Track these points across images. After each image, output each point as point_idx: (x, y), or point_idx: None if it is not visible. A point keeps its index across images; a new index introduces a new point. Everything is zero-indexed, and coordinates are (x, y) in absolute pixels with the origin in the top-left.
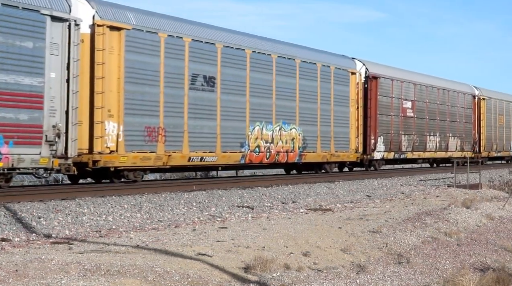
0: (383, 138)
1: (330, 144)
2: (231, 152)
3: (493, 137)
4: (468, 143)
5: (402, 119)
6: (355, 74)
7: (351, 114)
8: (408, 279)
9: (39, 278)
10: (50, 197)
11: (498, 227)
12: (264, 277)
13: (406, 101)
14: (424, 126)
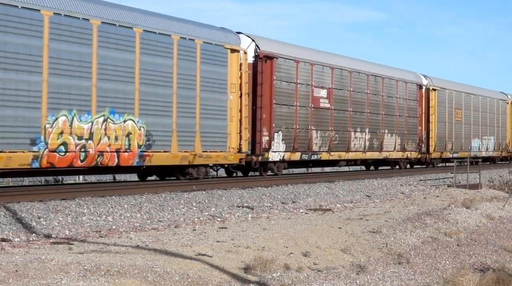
0: (283, 135)
1: (195, 141)
2: (12, 152)
3: (447, 135)
4: (412, 142)
5: (313, 112)
6: (237, 52)
7: (232, 104)
8: (408, 279)
9: (39, 278)
10: (50, 197)
11: (498, 227)
12: (264, 277)
13: (319, 89)
14: (347, 121)
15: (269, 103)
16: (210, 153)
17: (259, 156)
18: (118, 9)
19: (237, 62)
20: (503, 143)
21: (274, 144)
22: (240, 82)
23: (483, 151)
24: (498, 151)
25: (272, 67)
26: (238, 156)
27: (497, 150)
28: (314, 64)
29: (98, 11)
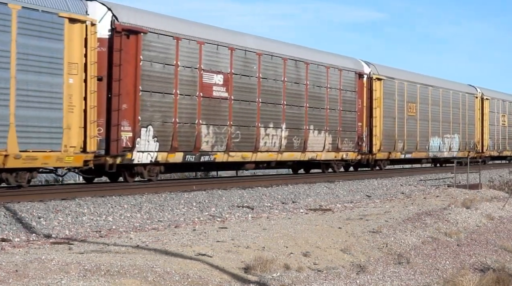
0: (156, 131)
1: (8, 138)
2: None
3: (397, 133)
4: (349, 140)
5: (203, 102)
6: (81, 23)
7: (72, 89)
8: (408, 279)
9: (39, 278)
10: (50, 197)
11: (498, 227)
12: (264, 277)
13: (211, 75)
14: (254, 114)
15: (134, 91)
16: (35, 153)
17: (116, 157)
18: None
19: (80, 36)
20: (471, 142)
21: (140, 141)
22: (85, 62)
23: (445, 151)
24: (464, 151)
25: (138, 45)
26: (81, 157)
27: (464, 149)
28: (205, 43)
29: None
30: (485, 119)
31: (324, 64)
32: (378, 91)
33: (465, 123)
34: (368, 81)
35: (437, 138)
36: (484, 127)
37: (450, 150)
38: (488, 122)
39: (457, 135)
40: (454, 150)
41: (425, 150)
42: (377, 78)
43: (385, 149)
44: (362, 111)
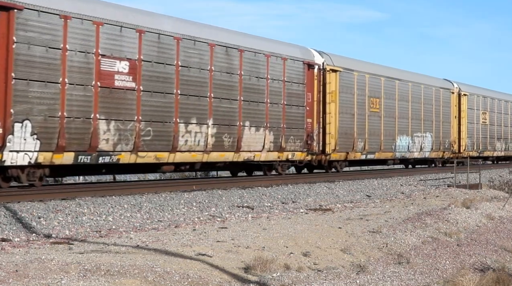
0: (36, 126)
1: None
2: None
3: (356, 131)
4: (297, 139)
5: (101, 93)
6: None
7: None
8: (408, 279)
9: (39, 278)
10: (50, 197)
11: (498, 227)
12: (264, 277)
13: (113, 61)
14: (171, 108)
15: (4, 78)
16: None
17: None
18: None
19: None
20: (446, 142)
21: (14, 139)
22: None
23: (415, 151)
24: (438, 152)
25: (10, 23)
26: None
27: (437, 149)
28: (104, 23)
29: None
30: (463, 116)
31: (264, 52)
32: (333, 84)
33: (440, 121)
34: (320, 72)
35: (406, 137)
36: (462, 126)
37: (421, 149)
38: (466, 120)
39: (430, 134)
40: (426, 149)
41: (391, 150)
42: (332, 69)
43: (342, 149)
44: (313, 107)
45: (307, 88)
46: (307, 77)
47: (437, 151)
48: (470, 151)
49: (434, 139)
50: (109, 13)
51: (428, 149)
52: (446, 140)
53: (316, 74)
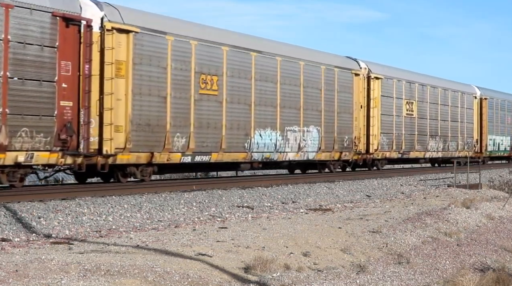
0: None
1: None
2: None
3: (170, 121)
4: (39, 132)
5: None
6: None
7: None
8: (408, 279)
9: (39, 278)
10: (50, 197)
11: (498, 227)
12: (264, 277)
13: None
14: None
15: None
16: None
17: None
18: None
19: None
20: (346, 139)
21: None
22: None
23: (289, 151)
24: (331, 152)
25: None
26: None
27: (330, 149)
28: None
29: None
30: (374, 106)
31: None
32: (123, 52)
33: (333, 112)
34: (88, 34)
35: (271, 133)
36: (372, 118)
37: (300, 149)
38: (380, 111)
39: (317, 129)
40: (310, 149)
41: (242, 149)
42: (120, 29)
43: (138, 147)
44: (74, 82)
45: (62, 55)
46: (60, 38)
47: (330, 150)
48: (386, 151)
49: (323, 136)
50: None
51: (314, 148)
52: (345, 137)
53: (82, 36)
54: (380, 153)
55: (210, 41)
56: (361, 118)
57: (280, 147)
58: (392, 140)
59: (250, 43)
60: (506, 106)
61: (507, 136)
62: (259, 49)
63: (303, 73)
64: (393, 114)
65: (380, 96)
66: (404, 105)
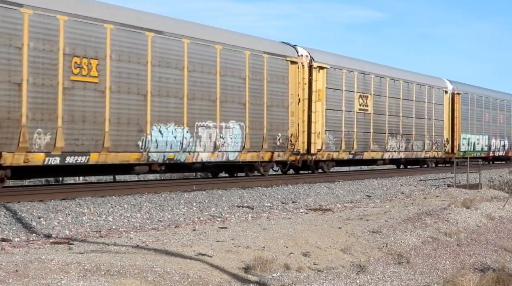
0: None
1: None
2: None
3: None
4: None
5: None
6: None
7: None
8: (408, 279)
9: (39, 278)
10: (50, 197)
11: (498, 227)
12: (264, 277)
13: None
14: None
15: None
16: None
17: None
18: None
19: None
20: (279, 137)
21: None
22: None
23: (201, 150)
24: (260, 152)
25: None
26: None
27: (257, 148)
28: None
29: None
30: (317, 100)
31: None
32: None
33: (262, 105)
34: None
35: (176, 129)
36: (315, 114)
37: (216, 148)
38: (325, 105)
39: (239, 125)
40: (231, 148)
41: (135, 148)
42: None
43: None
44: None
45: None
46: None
47: (257, 150)
48: (333, 152)
49: (248, 133)
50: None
51: (236, 148)
52: (277, 134)
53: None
54: (325, 154)
55: (88, 17)
56: (300, 113)
57: (189, 145)
58: (341, 139)
59: (146, 22)
60: (484, 102)
61: (484, 135)
62: (158, 28)
63: (220, 59)
64: (343, 110)
65: (326, 88)
66: (357, 99)
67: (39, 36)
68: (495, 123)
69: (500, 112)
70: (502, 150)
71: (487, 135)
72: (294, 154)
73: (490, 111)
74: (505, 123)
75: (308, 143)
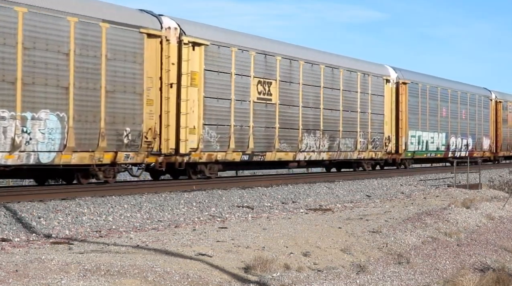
0: None
1: None
2: None
3: None
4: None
5: None
6: None
7: None
8: (408, 279)
9: (39, 278)
10: (50, 197)
11: (498, 227)
12: (264, 277)
13: None
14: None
15: None
16: None
17: None
18: None
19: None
20: (129, 132)
21: None
22: None
23: None
24: (93, 151)
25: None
26: None
27: (84, 147)
28: None
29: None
30: (190, 84)
31: None
32: None
33: (98, 89)
34: None
35: None
36: (186, 102)
37: (17, 147)
38: (202, 92)
39: (56, 115)
40: (43, 147)
41: None
42: None
43: None
44: None
45: None
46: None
47: (90, 149)
48: (217, 152)
49: (73, 127)
50: None
51: (52, 146)
52: (125, 129)
53: None
54: (204, 154)
55: None
56: (164, 103)
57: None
58: (229, 135)
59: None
60: (440, 95)
61: (441, 132)
62: None
63: (23, 26)
64: (232, 98)
65: (205, 70)
66: (254, 86)
67: None
68: (456, 119)
69: (462, 107)
70: (464, 149)
71: (445, 133)
72: (154, 154)
73: (449, 105)
74: (468, 120)
75: (176, 140)
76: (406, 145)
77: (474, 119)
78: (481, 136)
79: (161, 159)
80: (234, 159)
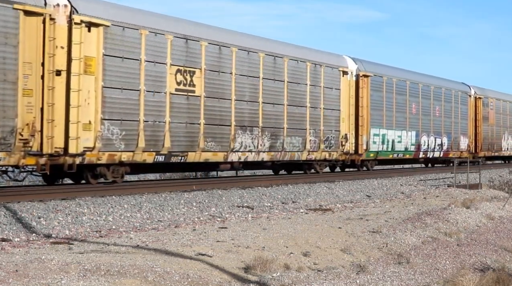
0: None
1: None
2: None
3: None
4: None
5: None
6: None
7: None
8: (408, 279)
9: (39, 278)
10: (50, 197)
11: (498, 227)
12: (264, 277)
13: None
14: None
15: None
16: None
17: None
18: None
19: None
20: None
21: None
22: None
23: None
24: None
25: None
26: None
27: None
28: None
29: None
30: (84, 72)
31: None
32: None
33: None
34: None
35: None
36: (78, 93)
37: None
38: (101, 81)
39: None
40: None
41: None
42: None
43: None
44: None
45: None
46: None
47: None
48: (121, 151)
49: None
50: None
51: None
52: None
53: None
54: (104, 154)
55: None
56: (47, 93)
57: None
58: (138, 132)
59: None
60: (409, 89)
61: (410, 131)
62: None
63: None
64: (141, 89)
65: (104, 56)
66: (172, 75)
67: None
68: (428, 117)
69: (435, 103)
70: (438, 150)
71: (415, 131)
72: (33, 154)
73: (420, 101)
74: (443, 117)
75: (66, 138)
76: (367, 144)
77: (450, 117)
78: (458, 135)
79: (44, 160)
80: (145, 160)
